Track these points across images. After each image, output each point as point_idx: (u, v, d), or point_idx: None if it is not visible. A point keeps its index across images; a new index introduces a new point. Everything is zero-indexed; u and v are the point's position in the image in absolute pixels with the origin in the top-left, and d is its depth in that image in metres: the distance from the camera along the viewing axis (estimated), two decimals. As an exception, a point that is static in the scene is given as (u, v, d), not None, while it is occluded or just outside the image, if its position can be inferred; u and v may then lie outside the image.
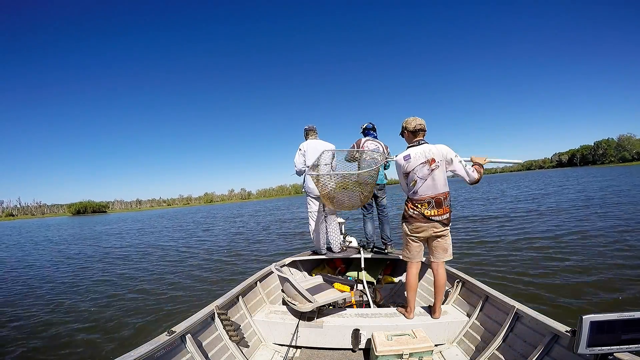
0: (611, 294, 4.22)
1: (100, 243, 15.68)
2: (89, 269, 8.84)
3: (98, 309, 5.22)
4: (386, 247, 3.85)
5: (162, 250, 11.61)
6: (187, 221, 28.34)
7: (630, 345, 1.26)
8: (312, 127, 3.90)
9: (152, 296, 5.78)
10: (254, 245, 10.55)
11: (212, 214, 40.13)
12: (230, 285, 4.04)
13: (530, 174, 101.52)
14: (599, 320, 1.25)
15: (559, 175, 55.22)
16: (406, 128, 2.53)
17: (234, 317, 2.50)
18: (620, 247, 6.31)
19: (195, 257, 9.32)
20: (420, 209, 2.42)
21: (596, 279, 4.77)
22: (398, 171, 2.57)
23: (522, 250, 6.71)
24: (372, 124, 4.00)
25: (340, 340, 2.46)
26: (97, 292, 6.33)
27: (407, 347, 2.09)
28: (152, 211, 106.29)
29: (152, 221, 33.80)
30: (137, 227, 25.96)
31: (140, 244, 13.97)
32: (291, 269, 3.85)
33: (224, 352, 2.22)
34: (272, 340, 2.60)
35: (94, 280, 7.43)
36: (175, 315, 4.59)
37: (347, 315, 2.66)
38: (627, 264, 5.29)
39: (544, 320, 1.92)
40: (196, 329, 2.11)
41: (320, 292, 2.78)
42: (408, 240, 2.55)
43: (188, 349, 1.96)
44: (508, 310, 2.22)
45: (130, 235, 19.06)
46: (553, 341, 1.82)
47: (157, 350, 1.72)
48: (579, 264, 5.48)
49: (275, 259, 4.43)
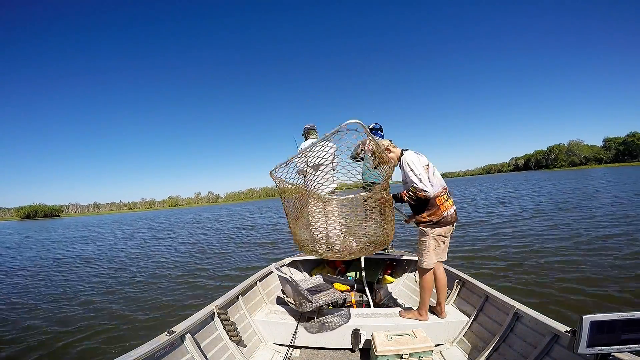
0: (611, 294, 4.22)
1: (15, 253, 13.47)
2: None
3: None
4: (386, 247, 3.85)
5: (87, 265, 9.53)
6: (141, 227, 25.61)
7: (630, 345, 1.26)
8: (312, 126, 3.88)
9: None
10: (208, 261, 8.62)
11: (174, 218, 37.72)
12: (230, 285, 4.03)
13: (492, 178, 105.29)
14: (599, 320, 1.25)
15: (519, 178, 57.27)
16: (387, 148, 2.55)
17: (234, 317, 2.50)
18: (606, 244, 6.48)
19: (122, 281, 7.07)
20: (448, 202, 2.41)
21: (595, 279, 4.78)
22: (415, 166, 2.35)
23: (515, 250, 6.74)
24: (379, 124, 4.01)
25: (340, 340, 2.46)
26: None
27: (407, 347, 2.09)
28: (111, 215, 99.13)
29: (103, 227, 30.88)
30: (84, 234, 22.88)
31: (62, 257, 11.53)
32: (291, 269, 3.85)
33: (224, 352, 2.22)
34: (272, 340, 2.60)
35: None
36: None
37: (347, 315, 2.66)
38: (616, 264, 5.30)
39: (544, 320, 1.92)
40: (196, 329, 2.11)
41: (320, 292, 2.78)
42: (439, 242, 2.41)
43: (188, 349, 1.96)
44: (508, 310, 2.22)
45: (66, 243, 16.52)
46: (553, 341, 1.82)
47: (157, 350, 1.72)
48: (566, 266, 5.50)
49: (238, 277, 4.25)
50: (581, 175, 43.60)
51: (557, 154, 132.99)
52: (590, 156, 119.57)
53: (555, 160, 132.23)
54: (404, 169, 2.42)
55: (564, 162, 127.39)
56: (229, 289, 2.78)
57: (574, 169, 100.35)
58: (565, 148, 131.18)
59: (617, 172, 47.44)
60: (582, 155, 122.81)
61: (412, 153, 2.46)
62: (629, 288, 4.32)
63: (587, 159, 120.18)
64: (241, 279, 3.25)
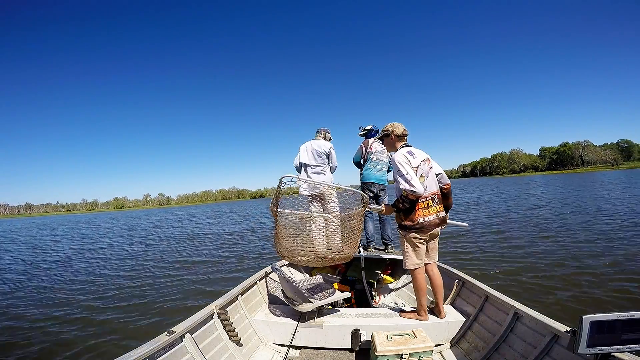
0: (610, 293, 4.23)
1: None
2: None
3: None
4: (386, 247, 3.85)
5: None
6: (64, 234, 22.09)
7: (630, 345, 1.26)
8: (320, 129, 3.92)
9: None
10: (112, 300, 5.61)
11: (113, 222, 34.44)
12: (230, 285, 4.02)
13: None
14: (599, 320, 1.25)
15: (476, 184, 59.34)
16: (393, 132, 2.53)
17: (234, 317, 2.50)
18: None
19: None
20: (430, 208, 2.40)
21: (593, 278, 4.78)
22: (404, 163, 2.36)
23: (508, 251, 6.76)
24: (377, 126, 4.06)
25: (340, 340, 2.46)
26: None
27: (407, 347, 2.09)
28: (45, 218, 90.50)
29: (17, 233, 26.35)
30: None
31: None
32: (291, 269, 3.85)
33: (223, 352, 2.21)
34: (272, 340, 2.60)
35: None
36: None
37: (347, 315, 2.66)
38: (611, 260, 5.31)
39: (544, 320, 1.92)
40: (196, 329, 2.11)
41: (320, 292, 2.78)
42: (417, 244, 2.43)
43: (188, 349, 1.95)
44: (508, 310, 2.22)
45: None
46: (553, 341, 1.82)
47: (157, 350, 1.72)
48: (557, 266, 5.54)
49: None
50: (519, 181, 46.10)
51: (499, 161, 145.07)
52: (528, 164, 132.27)
53: (498, 167, 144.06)
54: (392, 168, 2.45)
55: (505, 169, 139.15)
56: (229, 289, 2.78)
57: (513, 176, 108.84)
58: (507, 156, 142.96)
59: (551, 178, 51.79)
60: (521, 163, 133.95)
61: (401, 152, 2.44)
62: (629, 288, 4.33)
63: (526, 166, 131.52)
64: (240, 279, 3.25)
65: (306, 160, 3.67)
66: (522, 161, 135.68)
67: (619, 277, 4.77)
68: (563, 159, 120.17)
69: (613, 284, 4.52)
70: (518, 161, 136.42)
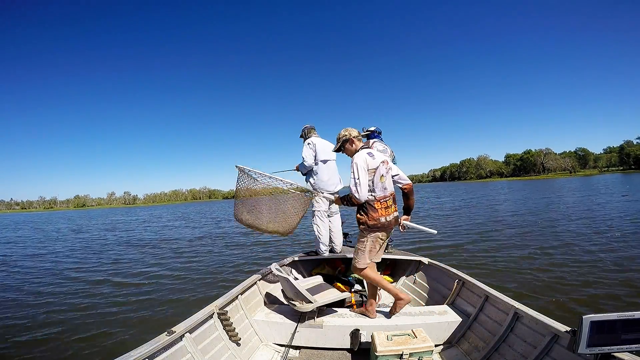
0: (610, 293, 4.23)
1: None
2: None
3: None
4: (386, 247, 3.85)
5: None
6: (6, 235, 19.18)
7: (630, 345, 1.26)
8: (313, 126, 3.93)
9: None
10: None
11: (70, 222, 31.68)
12: (230, 285, 4.02)
13: (417, 187, 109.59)
14: (599, 320, 1.25)
15: (447, 188, 60.33)
16: (352, 135, 2.57)
17: (234, 317, 2.49)
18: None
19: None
20: (390, 208, 2.48)
21: (593, 279, 4.78)
22: (360, 168, 2.39)
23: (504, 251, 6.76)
24: (380, 128, 4.10)
25: (340, 340, 2.46)
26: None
27: (407, 347, 2.09)
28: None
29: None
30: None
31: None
32: (291, 268, 3.85)
33: (223, 352, 2.21)
34: (272, 340, 2.60)
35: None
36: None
37: (347, 315, 2.66)
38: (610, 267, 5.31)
39: (544, 320, 1.92)
40: (196, 329, 2.10)
41: (320, 292, 2.78)
42: (377, 244, 2.52)
43: (188, 349, 1.95)
44: (508, 310, 2.22)
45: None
46: (553, 341, 1.82)
47: (157, 350, 1.72)
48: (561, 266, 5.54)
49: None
50: (484, 186, 46.85)
51: (467, 167, 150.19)
52: (494, 170, 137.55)
53: (466, 172, 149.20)
54: (350, 168, 2.49)
55: (473, 174, 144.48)
56: (229, 289, 2.78)
57: (480, 181, 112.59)
58: (475, 162, 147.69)
59: (516, 184, 51.87)
60: (487, 169, 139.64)
61: (361, 155, 2.46)
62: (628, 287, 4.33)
63: (492, 172, 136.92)
64: (240, 280, 3.25)
65: (330, 157, 3.74)
66: (488, 167, 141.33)
67: (620, 277, 4.77)
68: (526, 166, 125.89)
69: (613, 284, 4.52)
70: (485, 167, 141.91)
